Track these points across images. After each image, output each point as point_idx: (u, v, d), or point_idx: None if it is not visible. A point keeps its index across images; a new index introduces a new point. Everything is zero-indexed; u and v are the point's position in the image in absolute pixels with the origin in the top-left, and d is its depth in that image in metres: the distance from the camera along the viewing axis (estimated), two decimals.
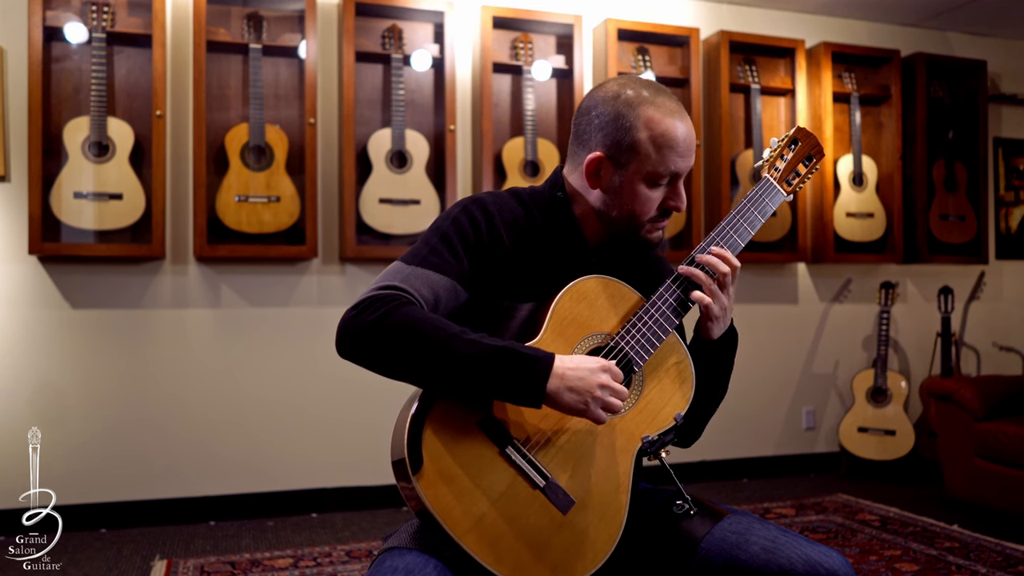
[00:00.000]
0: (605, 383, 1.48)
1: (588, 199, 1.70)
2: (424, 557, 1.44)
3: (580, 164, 1.69)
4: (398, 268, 1.57)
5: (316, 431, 4.39)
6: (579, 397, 1.47)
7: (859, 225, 5.27)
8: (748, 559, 1.51)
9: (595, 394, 1.47)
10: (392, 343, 1.45)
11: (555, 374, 1.46)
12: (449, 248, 1.59)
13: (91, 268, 4.12)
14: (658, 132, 1.61)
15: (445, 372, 1.44)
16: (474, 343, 1.45)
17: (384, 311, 1.46)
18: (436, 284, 1.56)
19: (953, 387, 4.39)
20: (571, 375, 1.47)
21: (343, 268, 4.47)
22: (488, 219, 1.64)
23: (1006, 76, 5.91)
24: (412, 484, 1.42)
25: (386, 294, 1.50)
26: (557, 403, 1.47)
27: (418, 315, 1.47)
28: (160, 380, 4.20)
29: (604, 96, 1.66)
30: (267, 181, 4.17)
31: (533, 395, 1.46)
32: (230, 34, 4.25)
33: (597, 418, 1.49)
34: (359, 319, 1.47)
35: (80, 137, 3.97)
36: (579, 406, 1.47)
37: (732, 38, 5.00)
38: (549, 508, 1.50)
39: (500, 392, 1.46)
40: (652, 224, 1.69)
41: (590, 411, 1.48)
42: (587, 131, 1.68)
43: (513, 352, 1.46)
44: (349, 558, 3.59)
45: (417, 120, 4.55)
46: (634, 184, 1.64)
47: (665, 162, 1.62)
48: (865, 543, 3.75)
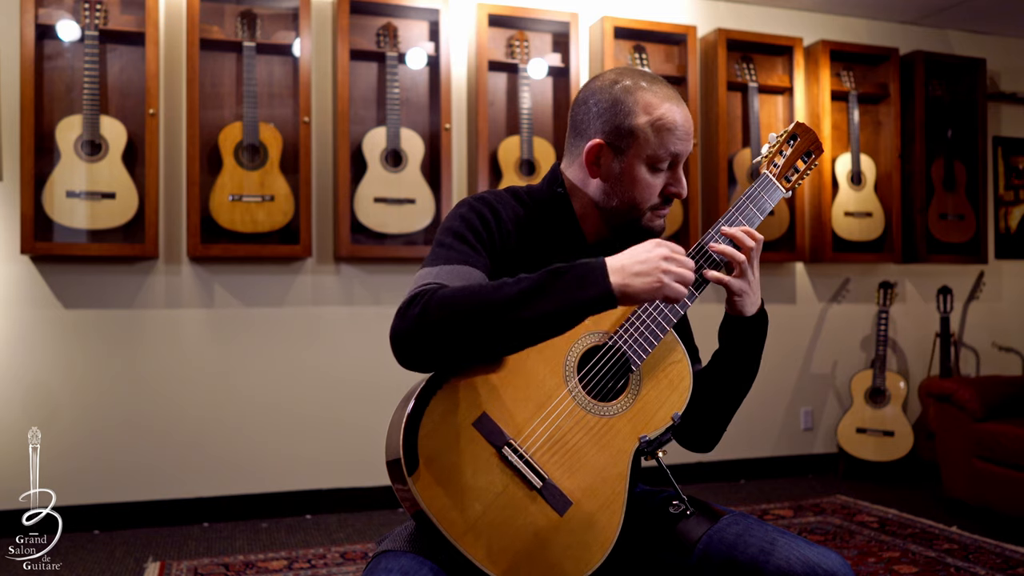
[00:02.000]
0: (667, 255, 1.45)
1: (587, 191, 1.69)
2: (419, 559, 1.43)
3: (578, 155, 1.69)
4: (426, 272, 1.54)
5: (310, 432, 4.37)
6: (649, 278, 1.43)
7: (857, 224, 5.24)
8: (746, 560, 1.50)
9: (664, 267, 1.44)
10: (446, 323, 1.41)
11: (613, 269, 1.43)
12: (467, 244, 1.58)
13: (84, 268, 4.09)
14: (656, 116, 1.61)
15: (511, 322, 1.40)
16: (520, 281, 1.42)
17: (424, 301, 1.42)
18: (468, 275, 1.53)
19: (952, 388, 4.36)
20: (629, 262, 1.44)
21: (337, 268, 4.44)
22: (496, 216, 1.63)
23: (1005, 74, 5.89)
24: (407, 485, 1.40)
25: (420, 289, 1.46)
26: (629, 293, 1.43)
27: (455, 290, 1.44)
28: (153, 381, 4.18)
29: (601, 85, 1.67)
30: (261, 180, 4.14)
31: (603, 296, 1.41)
32: (224, 32, 4.23)
33: (676, 293, 1.45)
34: (404, 320, 1.43)
35: (72, 136, 3.94)
36: (653, 286, 1.43)
37: (729, 36, 4.98)
38: (546, 509, 1.48)
39: (572, 309, 1.41)
40: (653, 212, 1.68)
41: (666, 287, 1.44)
42: (585, 120, 1.68)
43: (561, 269, 1.43)
44: (344, 560, 3.57)
45: (412, 119, 4.53)
46: (634, 169, 1.63)
47: (665, 145, 1.62)
48: (863, 545, 3.74)
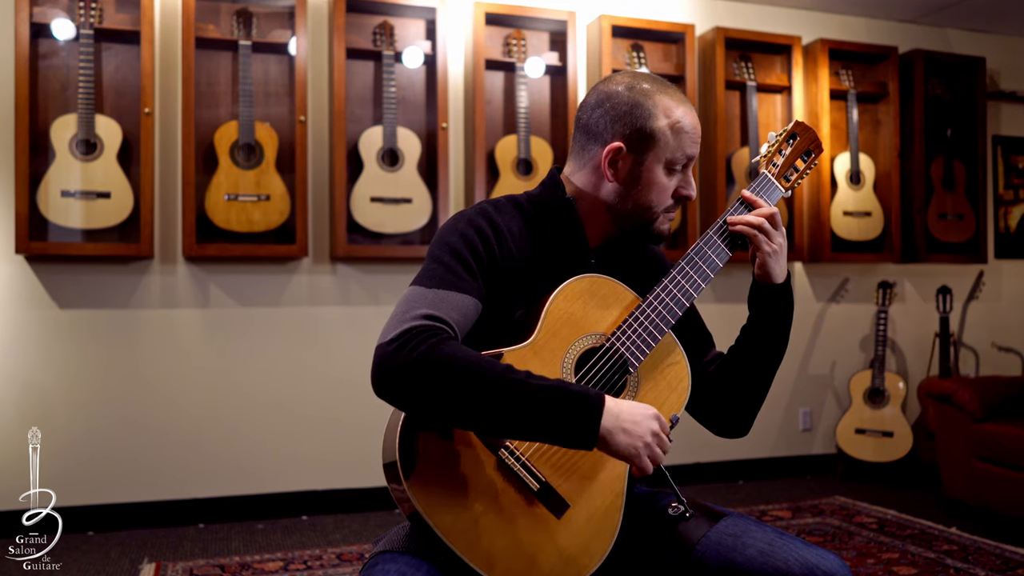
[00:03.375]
0: (657, 431, 1.45)
1: (598, 195, 1.68)
2: (416, 561, 1.43)
3: (591, 159, 1.68)
4: (420, 294, 1.50)
5: (307, 432, 4.35)
6: (631, 441, 1.42)
7: (856, 224, 5.23)
8: (744, 562, 1.49)
9: (647, 440, 1.44)
10: (436, 384, 1.38)
11: (609, 413, 1.42)
12: (464, 265, 1.54)
13: (78, 267, 4.07)
14: (675, 119, 1.63)
15: (491, 416, 1.39)
16: (521, 383, 1.40)
17: (424, 348, 1.39)
18: (461, 305, 1.50)
19: (952, 388, 4.35)
20: (626, 417, 1.43)
21: (334, 267, 4.42)
22: (497, 232, 1.61)
23: (1005, 73, 5.87)
24: (404, 487, 1.40)
25: (423, 326, 1.42)
26: (609, 444, 1.42)
27: (461, 353, 1.40)
28: (148, 381, 4.16)
29: (616, 89, 1.66)
30: (257, 179, 4.13)
31: (586, 437, 1.41)
32: (219, 30, 4.21)
33: (644, 467, 1.44)
34: (400, 356, 1.39)
35: (67, 135, 3.92)
36: (630, 451, 1.43)
37: (728, 34, 4.96)
38: (543, 512, 1.48)
39: (552, 435, 1.41)
40: (665, 215, 1.69)
41: (639, 458, 1.44)
42: (600, 124, 1.66)
43: (564, 392, 1.41)
44: (340, 561, 3.56)
45: (409, 118, 4.51)
46: (653, 172, 1.64)
47: (682, 147, 1.64)
48: (862, 546, 3.73)
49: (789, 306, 1.70)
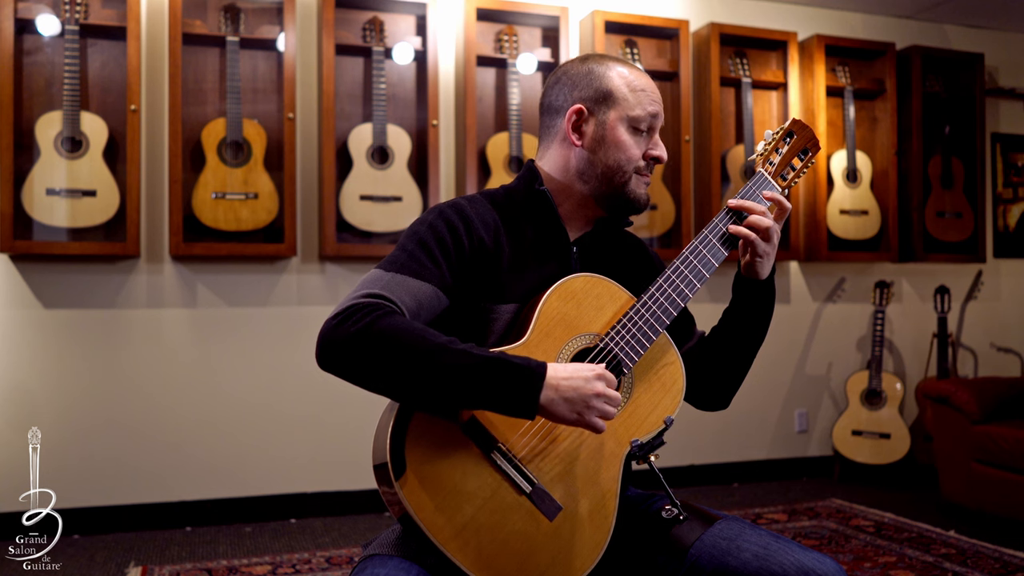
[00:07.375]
0: (600, 391, 1.45)
1: (570, 169, 1.69)
2: (406, 564, 1.43)
3: (556, 134, 1.71)
4: (378, 276, 1.53)
5: (295, 434, 4.31)
6: (573, 407, 1.43)
7: (853, 223, 5.19)
8: (739, 565, 1.50)
9: (590, 403, 1.44)
10: (376, 355, 1.40)
11: (548, 384, 1.42)
12: (428, 254, 1.56)
13: (64, 267, 4.03)
14: (630, 79, 1.68)
15: (432, 385, 1.40)
16: (463, 354, 1.41)
17: (367, 321, 1.41)
18: (418, 291, 1.52)
19: (950, 389, 4.32)
20: (565, 384, 1.43)
21: (323, 267, 4.37)
22: (466, 222, 1.61)
23: (1003, 70, 5.84)
24: (394, 489, 1.39)
25: (368, 302, 1.45)
26: (551, 414, 1.44)
27: (403, 325, 1.43)
28: (135, 382, 4.11)
29: (570, 64, 1.73)
30: (245, 177, 4.08)
31: (526, 407, 1.42)
32: (207, 26, 4.16)
33: (594, 427, 1.46)
34: (341, 329, 1.42)
35: (52, 132, 3.88)
36: (572, 416, 1.44)
37: (722, 30, 4.91)
38: (535, 514, 1.47)
39: (492, 404, 1.42)
40: (638, 176, 1.68)
41: (585, 420, 1.45)
42: (559, 97, 1.70)
43: (504, 362, 1.42)
44: (329, 565, 3.54)
45: (399, 115, 4.47)
46: (617, 131, 1.66)
47: (642, 103, 1.66)
48: (859, 549, 3.70)
49: (770, 298, 1.74)
